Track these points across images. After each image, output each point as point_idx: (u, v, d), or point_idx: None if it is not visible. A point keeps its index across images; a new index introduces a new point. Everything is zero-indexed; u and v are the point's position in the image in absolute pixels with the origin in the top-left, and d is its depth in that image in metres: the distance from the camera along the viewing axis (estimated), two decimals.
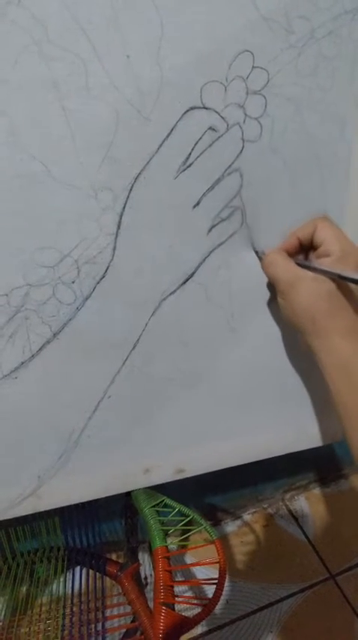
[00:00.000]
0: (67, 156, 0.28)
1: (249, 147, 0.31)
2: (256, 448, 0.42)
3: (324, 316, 0.29)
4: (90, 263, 0.31)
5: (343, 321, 0.29)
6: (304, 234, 0.32)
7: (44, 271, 0.31)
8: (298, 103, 0.32)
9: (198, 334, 0.36)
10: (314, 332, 0.30)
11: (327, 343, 0.29)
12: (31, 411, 0.34)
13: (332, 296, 0.29)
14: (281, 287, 0.31)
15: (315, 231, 0.31)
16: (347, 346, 0.29)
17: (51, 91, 0.27)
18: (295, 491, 0.84)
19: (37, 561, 0.50)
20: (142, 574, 0.53)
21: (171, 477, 0.40)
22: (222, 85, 0.29)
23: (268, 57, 0.30)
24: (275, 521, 0.80)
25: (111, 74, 0.27)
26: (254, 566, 0.72)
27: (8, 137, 0.27)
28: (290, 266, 0.31)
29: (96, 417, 0.36)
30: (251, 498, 0.80)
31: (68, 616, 0.44)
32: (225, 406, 0.39)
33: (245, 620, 0.65)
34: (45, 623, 0.43)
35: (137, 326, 0.34)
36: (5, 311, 0.31)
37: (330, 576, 0.71)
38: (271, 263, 0.32)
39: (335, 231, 0.30)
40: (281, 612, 0.66)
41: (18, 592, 0.48)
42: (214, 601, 0.32)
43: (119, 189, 0.30)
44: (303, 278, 0.30)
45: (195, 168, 0.31)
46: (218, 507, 0.78)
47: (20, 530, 0.49)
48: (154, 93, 0.28)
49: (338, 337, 0.29)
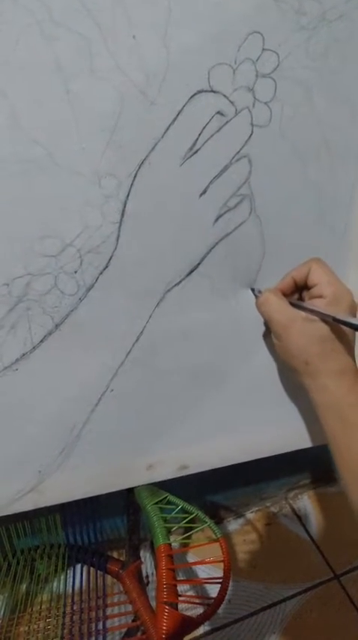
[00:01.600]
0: (70, 140, 0.27)
1: (258, 132, 0.30)
2: (261, 445, 0.41)
3: (316, 358, 0.30)
4: (93, 252, 0.30)
5: (334, 362, 0.30)
6: (299, 275, 0.33)
7: (46, 261, 0.30)
8: (308, 87, 0.31)
9: (203, 327, 0.35)
10: (306, 373, 0.31)
11: (319, 384, 0.30)
12: (32, 404, 0.33)
13: (325, 338, 0.30)
14: (275, 327, 0.32)
15: (309, 272, 0.32)
16: (339, 387, 0.30)
17: (54, 72, 0.26)
18: (298, 489, 0.83)
19: (38, 558, 0.50)
20: (143, 572, 0.52)
21: (175, 474, 0.39)
22: (231, 68, 0.28)
23: (278, 39, 0.29)
24: (278, 520, 0.79)
25: (117, 55, 0.26)
26: (257, 566, 0.71)
27: (9, 121, 0.26)
28: (284, 307, 0.31)
29: (99, 411, 0.35)
30: (254, 497, 0.80)
31: (68, 614, 0.43)
32: (229, 401, 0.39)
33: (248, 620, 0.64)
34: (45, 621, 0.43)
35: (141, 318, 0.33)
36: (6, 301, 0.30)
37: (334, 576, 0.71)
38: (265, 302, 0.33)
39: (328, 275, 0.31)
40: (284, 612, 0.65)
41: (18, 589, 0.47)
42: (218, 600, 0.31)
43: (123, 175, 0.29)
44: (296, 320, 0.30)
45: (202, 154, 0.30)
46: (220, 505, 0.78)
47: (20, 527, 0.48)
48: (160, 75, 0.27)
49: (329, 378, 0.30)
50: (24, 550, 0.50)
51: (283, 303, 0.32)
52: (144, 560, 0.54)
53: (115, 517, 0.63)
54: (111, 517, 0.62)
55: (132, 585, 0.45)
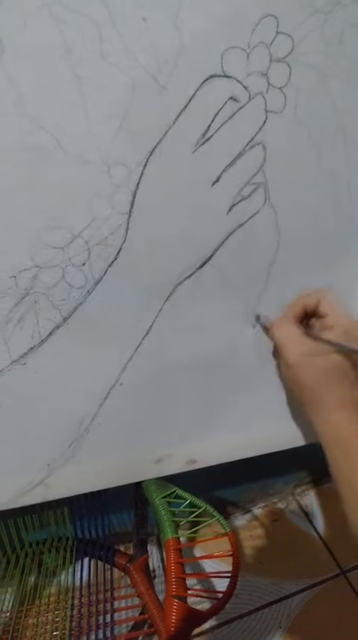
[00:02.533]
0: (79, 127, 0.27)
1: (272, 118, 0.29)
2: (270, 440, 0.41)
3: (322, 391, 0.31)
4: (102, 244, 0.30)
5: (338, 393, 0.30)
6: (309, 304, 0.33)
7: (53, 252, 0.29)
8: (323, 72, 0.29)
9: (214, 321, 0.35)
10: (310, 403, 0.32)
11: (323, 415, 0.31)
12: (41, 398, 0.33)
13: (332, 370, 0.30)
14: (287, 356, 0.32)
15: (320, 303, 0.33)
16: (341, 417, 0.30)
17: (63, 56, 0.25)
18: (305, 486, 0.83)
19: (46, 551, 0.50)
20: (150, 566, 0.52)
21: (183, 468, 0.39)
22: (244, 52, 0.28)
23: (293, 22, 0.28)
24: (285, 516, 0.78)
25: (127, 39, 0.26)
26: (263, 561, 0.71)
27: (16, 107, 0.26)
28: (300, 337, 0.32)
29: (108, 405, 0.35)
30: (261, 492, 0.79)
31: (76, 607, 0.43)
32: (239, 396, 0.38)
33: (254, 614, 0.64)
34: (53, 613, 0.43)
35: (150, 311, 0.33)
36: (14, 293, 0.30)
37: (341, 572, 0.70)
38: (280, 329, 0.33)
39: (340, 306, 0.32)
40: (291, 608, 0.65)
41: (26, 582, 0.48)
42: (228, 594, 0.31)
43: (133, 164, 0.28)
44: (312, 354, 0.31)
45: (215, 141, 0.29)
46: (227, 501, 0.77)
47: (29, 520, 0.48)
48: (172, 60, 0.26)
49: (332, 409, 0.31)
50: (32, 543, 0.50)
51: (299, 332, 0.32)
52: (150, 554, 0.54)
53: (122, 511, 0.63)
54: (119, 511, 0.62)
55: (139, 579, 0.45)
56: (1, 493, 0.36)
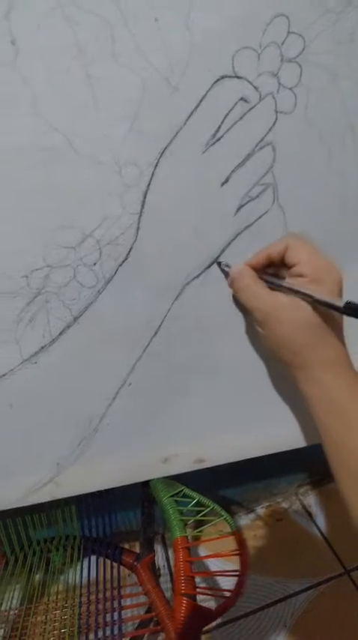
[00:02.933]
0: (91, 128, 0.27)
1: (282, 119, 0.29)
2: (278, 439, 0.41)
3: (305, 348, 0.27)
4: (113, 244, 0.30)
5: (325, 352, 0.27)
6: (275, 252, 0.29)
7: (65, 252, 0.29)
8: (334, 72, 0.29)
9: (221, 321, 0.35)
10: (295, 364, 0.28)
11: (310, 376, 0.28)
12: (51, 397, 0.33)
13: (312, 326, 0.27)
14: (257, 316, 0.29)
15: (287, 249, 0.28)
16: (332, 379, 0.27)
17: (75, 57, 0.25)
18: (309, 485, 0.83)
19: (53, 550, 0.50)
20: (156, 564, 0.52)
21: (191, 467, 0.39)
22: (256, 52, 0.28)
23: (304, 22, 0.28)
24: (289, 516, 0.79)
25: (139, 39, 0.26)
26: (267, 560, 0.71)
27: (29, 108, 0.26)
28: (263, 293, 0.28)
29: (116, 405, 0.35)
30: (264, 492, 0.79)
31: (84, 604, 0.44)
32: (247, 395, 0.38)
33: (258, 613, 0.65)
34: (61, 611, 0.43)
35: (159, 311, 0.33)
36: (25, 293, 0.30)
37: (345, 571, 0.70)
38: (242, 290, 0.29)
39: (308, 251, 0.27)
40: (295, 607, 0.65)
41: (33, 580, 0.48)
42: (236, 593, 0.31)
43: (144, 164, 0.28)
44: (279, 308, 0.27)
45: (225, 142, 0.29)
46: (231, 500, 0.78)
47: (36, 518, 0.49)
48: (183, 60, 0.27)
49: (321, 370, 0.27)
50: (40, 541, 0.51)
51: (260, 287, 0.28)
52: (155, 552, 0.54)
53: (128, 510, 0.63)
54: (124, 510, 0.62)
55: (146, 577, 0.45)
56: (12, 491, 0.36)
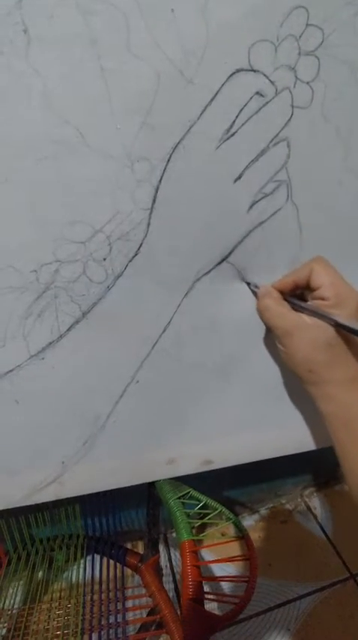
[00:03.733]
0: (103, 121, 0.26)
1: (298, 114, 0.28)
2: (287, 442, 0.40)
3: (321, 367, 0.29)
4: (123, 239, 0.29)
5: (341, 371, 0.29)
6: (300, 278, 0.31)
7: (75, 247, 0.29)
8: (353, 66, 0.29)
9: (232, 319, 0.34)
10: (310, 381, 0.30)
11: (325, 393, 0.29)
12: (57, 394, 0.33)
13: (331, 345, 0.28)
14: (277, 334, 0.31)
15: (311, 274, 0.30)
16: (346, 397, 0.28)
17: (88, 48, 0.25)
18: (314, 487, 0.82)
19: (57, 548, 0.50)
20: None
21: (198, 469, 0.39)
22: (273, 45, 0.27)
23: (323, 14, 0.27)
24: (293, 518, 0.78)
25: (154, 30, 0.25)
26: (271, 563, 0.70)
27: (40, 99, 0.25)
28: (286, 312, 0.30)
29: (123, 403, 0.34)
30: (269, 493, 0.79)
31: (88, 604, 0.43)
32: (257, 396, 0.37)
33: (261, 616, 0.64)
34: (64, 610, 0.43)
35: (169, 307, 0.32)
36: (34, 288, 0.29)
37: (350, 576, 0.69)
38: (266, 309, 0.31)
39: (331, 276, 0.29)
40: (299, 610, 0.65)
41: (36, 578, 0.48)
42: (245, 599, 0.30)
43: (156, 159, 0.28)
44: (300, 327, 0.29)
45: (239, 137, 0.28)
46: (235, 501, 0.77)
47: (40, 517, 0.48)
48: (199, 52, 0.26)
49: (336, 388, 0.29)
50: (43, 539, 0.50)
51: (284, 307, 0.30)
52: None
53: (131, 509, 0.62)
54: (128, 509, 0.62)
55: (151, 579, 0.44)
56: (16, 490, 0.35)
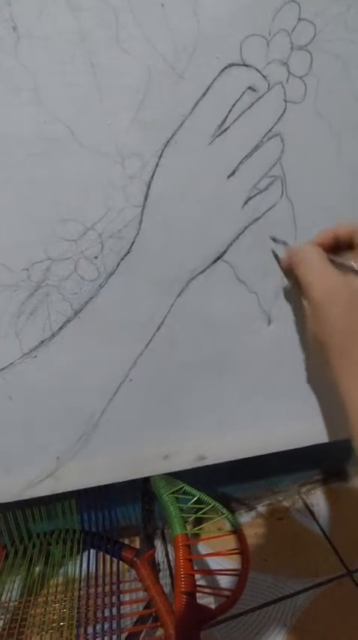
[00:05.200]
0: (94, 117, 0.26)
1: (291, 108, 0.28)
2: (280, 438, 0.40)
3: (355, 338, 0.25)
4: (115, 237, 0.29)
5: None
6: (342, 235, 0.27)
7: (66, 245, 0.29)
8: (346, 61, 0.28)
9: (226, 318, 0.34)
10: (341, 353, 0.25)
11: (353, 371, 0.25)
12: (51, 391, 0.33)
13: None
14: (315, 293, 0.26)
15: (356, 233, 0.27)
16: None
17: (78, 44, 0.25)
18: (311, 484, 0.83)
19: (53, 543, 0.50)
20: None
21: (192, 464, 0.39)
22: (265, 40, 0.27)
23: (315, 8, 0.27)
24: (290, 515, 0.78)
25: (144, 25, 0.25)
26: (268, 559, 0.71)
27: (30, 96, 0.25)
28: (330, 271, 0.26)
29: (117, 400, 0.34)
30: (266, 490, 0.79)
31: (83, 598, 0.44)
32: (250, 393, 0.38)
33: (258, 611, 0.64)
34: (61, 604, 0.43)
35: (162, 306, 0.32)
36: (26, 286, 0.29)
37: (347, 572, 0.70)
38: (305, 261, 0.27)
39: None
40: (295, 606, 0.65)
41: (33, 572, 0.48)
42: (237, 592, 0.31)
43: (148, 155, 0.28)
44: (345, 286, 0.25)
45: (232, 132, 0.28)
46: (232, 497, 0.77)
47: (37, 511, 0.49)
48: (190, 47, 0.26)
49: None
50: (40, 534, 0.51)
51: (328, 266, 0.26)
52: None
53: (127, 505, 0.63)
54: (124, 505, 0.62)
55: (146, 573, 0.45)
56: (11, 485, 0.36)
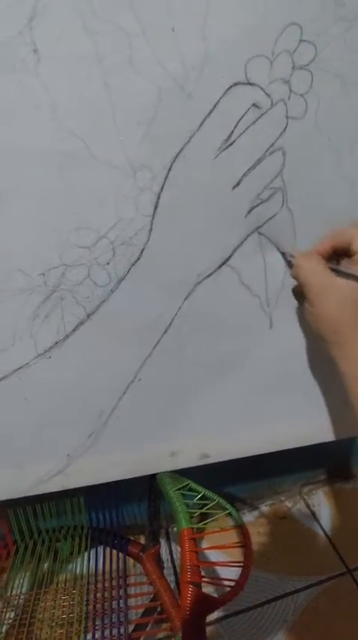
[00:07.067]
0: (107, 133, 0.28)
1: (293, 124, 0.30)
2: (283, 437, 0.42)
3: (347, 326, 0.29)
4: (126, 244, 0.31)
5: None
6: (339, 243, 0.31)
7: (80, 252, 0.31)
8: (345, 80, 0.30)
9: (231, 320, 0.36)
10: (335, 342, 0.30)
11: (348, 353, 0.29)
12: (63, 390, 0.35)
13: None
14: (309, 291, 0.30)
15: (353, 241, 0.30)
16: None
17: (94, 66, 0.26)
18: (313, 485, 0.84)
19: (62, 539, 0.52)
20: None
21: (196, 462, 0.40)
22: (268, 60, 0.28)
23: (316, 30, 0.29)
24: (292, 515, 0.79)
25: (156, 48, 0.27)
26: (269, 557, 0.72)
27: (49, 113, 0.27)
28: (322, 270, 0.30)
29: (126, 399, 0.36)
30: (268, 490, 0.80)
31: (91, 592, 0.45)
32: (254, 393, 0.39)
33: (260, 608, 0.66)
34: (69, 597, 0.45)
35: (170, 309, 0.34)
36: (42, 290, 0.31)
37: (347, 571, 0.71)
38: (303, 267, 0.31)
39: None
40: (296, 604, 0.66)
41: (42, 568, 0.50)
42: (241, 582, 0.32)
43: (158, 168, 0.29)
44: (335, 285, 0.29)
45: (237, 146, 0.30)
46: (235, 497, 0.79)
47: (46, 508, 0.50)
48: (198, 68, 0.27)
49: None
50: (48, 530, 0.52)
51: (321, 266, 0.30)
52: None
53: (134, 503, 0.64)
54: (131, 503, 0.63)
55: (152, 567, 0.46)
56: (23, 480, 0.37)
